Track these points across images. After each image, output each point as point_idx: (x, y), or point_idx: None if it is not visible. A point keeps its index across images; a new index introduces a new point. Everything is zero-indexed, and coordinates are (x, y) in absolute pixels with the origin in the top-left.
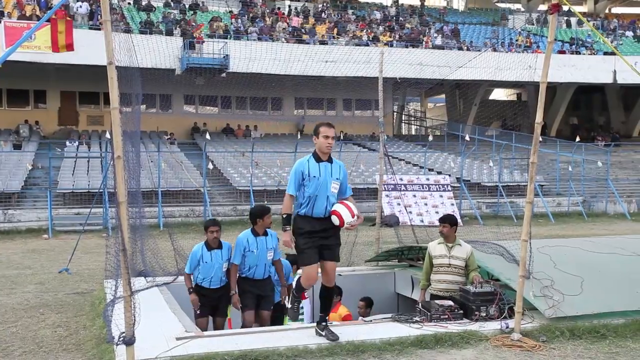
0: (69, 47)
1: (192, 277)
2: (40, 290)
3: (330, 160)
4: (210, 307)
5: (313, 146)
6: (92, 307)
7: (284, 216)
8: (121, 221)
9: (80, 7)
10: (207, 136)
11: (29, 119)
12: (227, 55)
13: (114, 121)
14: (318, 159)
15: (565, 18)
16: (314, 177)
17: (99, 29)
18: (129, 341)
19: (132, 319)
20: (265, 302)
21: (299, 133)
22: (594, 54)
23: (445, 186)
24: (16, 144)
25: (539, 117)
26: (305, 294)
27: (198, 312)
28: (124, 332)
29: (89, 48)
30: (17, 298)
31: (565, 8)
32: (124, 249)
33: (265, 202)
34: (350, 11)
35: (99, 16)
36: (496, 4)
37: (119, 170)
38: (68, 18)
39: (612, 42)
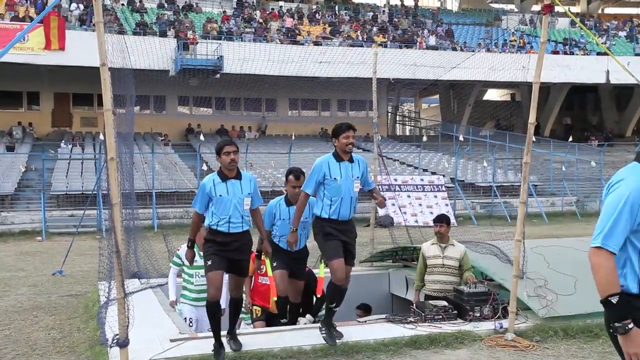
0: (61, 44)
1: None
2: (33, 292)
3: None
4: (227, 260)
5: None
6: (86, 309)
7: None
8: (115, 223)
9: (77, 8)
10: (201, 137)
11: (22, 121)
12: (221, 56)
13: (107, 123)
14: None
15: (557, 18)
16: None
17: (93, 31)
18: (122, 343)
19: (125, 321)
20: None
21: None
22: (587, 54)
23: (440, 186)
24: (9, 145)
25: (532, 118)
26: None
27: (209, 262)
28: (117, 334)
29: (82, 49)
30: (10, 301)
31: (559, 9)
32: (117, 251)
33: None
34: (343, 12)
35: (92, 17)
36: (490, 4)
37: (112, 172)
38: (60, 18)
39: (604, 43)
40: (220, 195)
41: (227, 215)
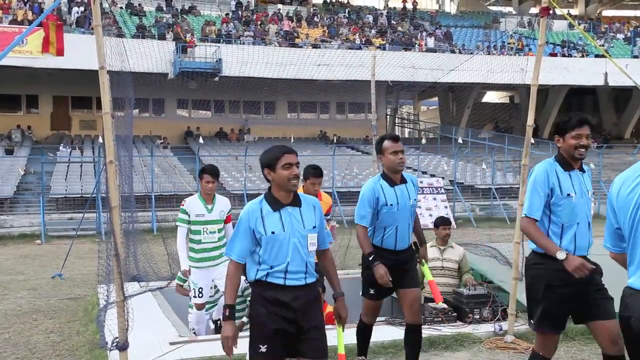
0: (60, 51)
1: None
2: (33, 296)
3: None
4: (285, 336)
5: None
6: (86, 313)
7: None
8: (114, 226)
9: (77, 12)
10: (201, 140)
11: (21, 124)
12: (219, 59)
13: (105, 126)
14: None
15: (553, 21)
16: (391, 205)
17: (91, 34)
18: (122, 346)
19: (125, 324)
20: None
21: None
22: (586, 55)
23: (439, 189)
24: (8, 149)
25: (530, 120)
26: None
27: (258, 347)
28: (117, 338)
29: (81, 53)
30: (9, 304)
31: (556, 12)
32: (116, 254)
33: None
34: (342, 15)
35: (91, 21)
36: (488, 7)
37: (111, 175)
38: (59, 22)
39: (602, 45)
40: (273, 233)
41: (282, 262)
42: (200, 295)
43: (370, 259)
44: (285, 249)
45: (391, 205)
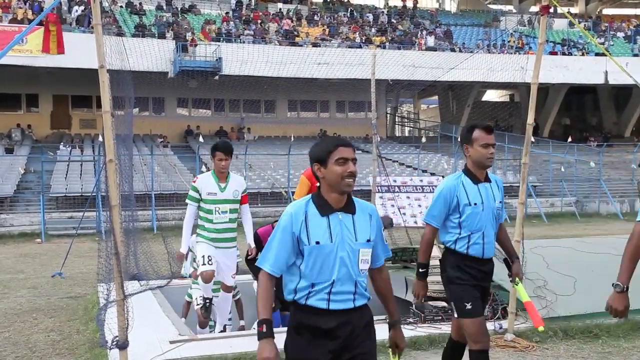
0: (60, 50)
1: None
2: (33, 294)
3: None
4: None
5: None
6: (86, 311)
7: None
8: (114, 225)
9: (77, 11)
10: (201, 139)
11: (21, 123)
12: (219, 58)
13: (105, 125)
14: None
15: (554, 19)
16: (475, 204)
17: (91, 33)
18: (122, 345)
19: (125, 323)
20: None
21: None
22: (586, 54)
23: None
24: (8, 148)
25: (530, 118)
26: None
27: (468, 306)
28: (117, 336)
29: (81, 52)
30: (9, 303)
31: (557, 10)
32: (116, 253)
33: (259, 205)
34: (342, 13)
35: (91, 19)
36: (488, 5)
37: (111, 174)
38: (58, 21)
39: (603, 43)
40: (318, 243)
41: (327, 279)
42: (210, 262)
43: (421, 271)
44: (331, 263)
45: (475, 204)
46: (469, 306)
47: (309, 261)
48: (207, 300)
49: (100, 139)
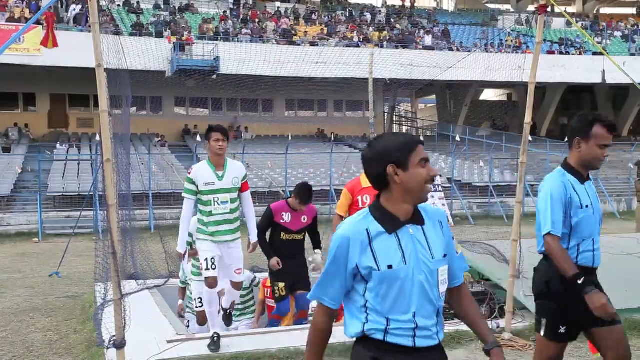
0: (55, 44)
1: None
2: (30, 294)
3: (588, 176)
4: None
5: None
6: (83, 311)
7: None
8: (111, 224)
9: (74, 10)
10: (198, 138)
11: (19, 122)
12: (217, 57)
13: (103, 124)
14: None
15: (552, 18)
16: (586, 206)
17: (89, 32)
18: (119, 345)
19: (122, 322)
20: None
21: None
22: (584, 53)
23: (437, 186)
24: (5, 147)
25: (527, 118)
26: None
27: (562, 330)
28: (114, 336)
29: (79, 50)
30: (6, 302)
31: (555, 9)
32: (113, 252)
33: (256, 204)
34: (340, 12)
35: (88, 18)
36: (486, 4)
37: (108, 173)
38: (53, 18)
39: (600, 43)
40: (391, 267)
41: (406, 311)
42: (214, 267)
43: (581, 282)
44: (408, 290)
45: (587, 206)
46: (562, 330)
47: (379, 290)
48: (216, 336)
49: (98, 138)
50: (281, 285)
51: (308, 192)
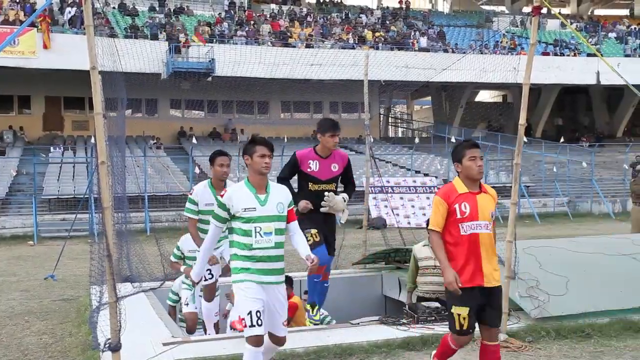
0: (45, 45)
1: None
2: (25, 297)
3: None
4: None
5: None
6: (78, 314)
7: None
8: (106, 227)
9: (69, 12)
10: (194, 140)
11: (13, 125)
12: (212, 59)
13: (97, 126)
14: None
15: (546, 19)
16: None
17: (84, 34)
18: (114, 347)
19: (117, 325)
20: None
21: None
22: (579, 54)
23: (432, 188)
24: (0, 150)
25: (522, 119)
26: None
27: None
28: (109, 339)
29: (74, 53)
30: (1, 305)
31: (547, 11)
32: (109, 255)
33: None
34: (335, 14)
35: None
36: (480, 6)
37: (103, 175)
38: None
39: (594, 44)
40: None
41: None
42: (260, 322)
43: None
44: None
45: None
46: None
47: None
48: None
49: (93, 140)
50: (313, 231)
51: (331, 121)
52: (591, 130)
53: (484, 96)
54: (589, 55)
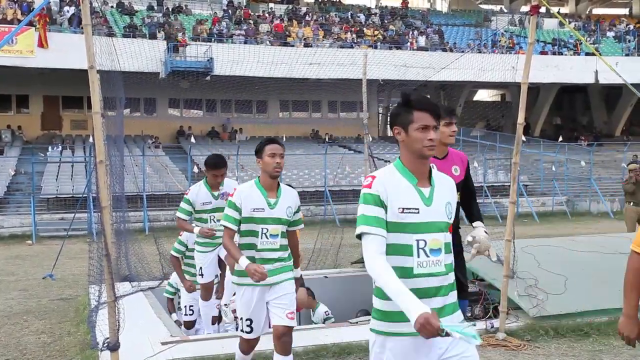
0: (40, 43)
1: None
2: (23, 296)
3: None
4: None
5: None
6: (77, 313)
7: None
8: (104, 226)
9: (67, 11)
10: (192, 139)
11: (12, 124)
12: (211, 58)
13: (95, 126)
14: None
15: (543, 19)
16: None
17: (82, 33)
18: (113, 347)
19: (116, 324)
20: None
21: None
22: (578, 53)
23: None
24: None
25: (520, 118)
26: None
27: None
28: (108, 338)
29: (72, 52)
30: (0, 305)
31: (545, 10)
32: (107, 254)
33: None
34: (333, 13)
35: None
36: (479, 5)
37: (101, 175)
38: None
39: (593, 43)
40: None
41: None
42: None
43: None
44: None
45: None
46: None
47: None
48: None
49: (91, 140)
50: None
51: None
52: (590, 129)
53: (482, 95)
54: (587, 54)
